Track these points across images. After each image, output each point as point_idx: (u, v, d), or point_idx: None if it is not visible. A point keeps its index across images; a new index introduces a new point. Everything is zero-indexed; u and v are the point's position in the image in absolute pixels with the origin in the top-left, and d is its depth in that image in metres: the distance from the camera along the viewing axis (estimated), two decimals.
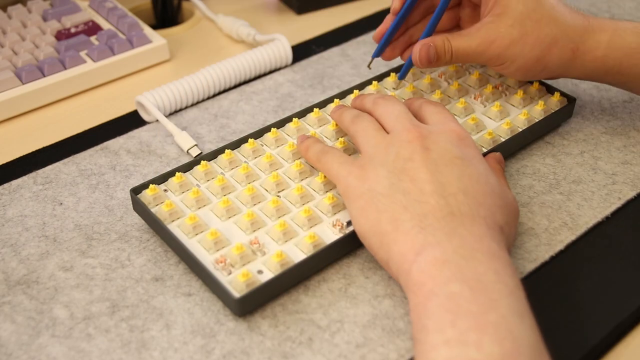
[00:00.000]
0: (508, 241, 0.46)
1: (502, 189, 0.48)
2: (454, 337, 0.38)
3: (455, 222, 0.43)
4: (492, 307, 0.39)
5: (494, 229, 0.44)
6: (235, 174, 0.54)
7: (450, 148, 0.47)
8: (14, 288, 0.48)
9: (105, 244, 0.51)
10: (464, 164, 0.46)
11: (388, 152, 0.47)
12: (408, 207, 0.44)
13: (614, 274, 0.49)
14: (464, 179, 0.45)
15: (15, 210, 0.55)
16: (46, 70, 0.66)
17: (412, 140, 0.47)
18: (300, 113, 0.60)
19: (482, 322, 0.38)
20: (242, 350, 0.44)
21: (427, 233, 0.43)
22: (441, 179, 0.45)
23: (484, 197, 0.45)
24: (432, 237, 0.43)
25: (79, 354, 0.44)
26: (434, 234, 0.43)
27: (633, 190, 0.55)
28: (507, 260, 0.43)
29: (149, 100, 0.63)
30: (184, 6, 0.82)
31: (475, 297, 0.39)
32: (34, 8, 0.74)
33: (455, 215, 0.44)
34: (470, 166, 0.46)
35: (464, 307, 0.39)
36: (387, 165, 0.47)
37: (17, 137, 0.63)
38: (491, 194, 0.46)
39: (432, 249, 0.42)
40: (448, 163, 0.46)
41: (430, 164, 0.46)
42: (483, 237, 0.43)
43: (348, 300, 0.47)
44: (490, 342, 0.37)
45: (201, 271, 0.47)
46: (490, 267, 0.41)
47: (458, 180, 0.45)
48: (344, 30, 0.77)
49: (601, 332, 0.45)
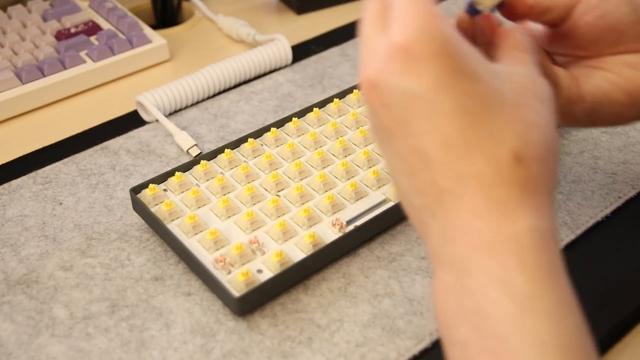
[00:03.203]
0: (543, 173, 0.33)
1: (512, 91, 0.34)
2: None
3: (430, 211, 0.34)
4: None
5: (497, 174, 0.32)
6: (235, 173, 0.54)
7: (404, 87, 0.33)
8: (14, 288, 0.48)
9: (105, 244, 0.51)
10: (428, 105, 0.33)
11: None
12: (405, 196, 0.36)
13: (614, 274, 0.49)
14: (434, 125, 0.33)
15: (15, 210, 0.55)
16: (46, 70, 0.66)
17: (368, 99, 0.35)
18: (300, 113, 0.60)
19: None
20: (242, 350, 0.44)
21: (418, 229, 0.36)
22: (416, 144, 0.34)
23: (469, 133, 0.33)
24: (422, 233, 0.36)
25: (78, 353, 0.44)
26: (419, 229, 0.36)
27: (633, 189, 0.55)
28: (534, 239, 0.32)
29: (149, 100, 0.63)
30: (184, 6, 0.82)
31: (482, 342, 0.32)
32: (34, 8, 0.74)
33: (423, 194, 0.34)
34: (435, 104, 0.33)
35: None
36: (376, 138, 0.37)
37: (17, 137, 0.63)
38: (482, 119, 0.33)
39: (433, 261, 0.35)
40: (409, 114, 0.34)
41: (396, 129, 0.34)
42: (478, 212, 0.33)
43: (348, 300, 0.47)
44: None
45: (201, 270, 0.47)
46: (492, 278, 0.32)
47: (431, 131, 0.33)
48: (344, 30, 0.77)
49: (601, 331, 0.45)
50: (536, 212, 0.32)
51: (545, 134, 0.34)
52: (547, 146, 0.34)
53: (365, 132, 0.57)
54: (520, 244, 0.32)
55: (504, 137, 0.32)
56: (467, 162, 0.33)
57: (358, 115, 0.59)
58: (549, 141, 0.34)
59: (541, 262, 0.32)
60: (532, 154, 0.33)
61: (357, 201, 0.52)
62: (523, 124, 0.33)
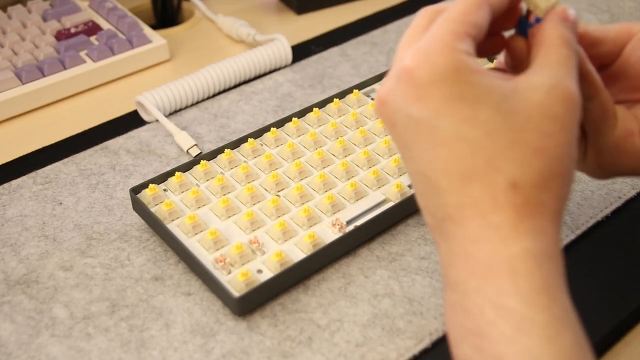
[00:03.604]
0: (542, 198, 0.33)
1: (520, 114, 0.33)
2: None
3: (439, 231, 0.35)
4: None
5: (493, 201, 0.33)
6: (235, 173, 0.54)
7: (408, 111, 0.34)
8: (14, 288, 0.48)
9: (104, 244, 0.51)
10: (429, 132, 0.34)
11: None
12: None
13: (614, 274, 0.49)
14: (435, 152, 0.34)
15: (15, 210, 0.55)
16: (46, 70, 0.66)
17: (379, 115, 0.36)
18: (300, 113, 0.60)
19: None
20: (242, 350, 0.44)
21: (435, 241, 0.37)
22: (420, 168, 0.35)
23: (467, 161, 0.33)
24: (437, 246, 0.36)
25: (78, 353, 0.44)
26: (435, 242, 0.36)
27: (633, 189, 0.55)
28: (528, 262, 0.32)
29: (149, 100, 0.63)
30: (184, 6, 0.82)
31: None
32: (34, 8, 0.74)
33: (434, 215, 0.35)
34: (434, 131, 0.33)
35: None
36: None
37: (17, 137, 0.63)
38: (480, 147, 0.33)
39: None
40: (413, 138, 0.34)
41: (403, 149, 0.36)
42: (475, 238, 0.33)
43: (347, 300, 0.47)
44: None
45: (201, 270, 0.47)
46: (488, 301, 0.33)
47: (432, 159, 0.34)
48: (344, 30, 0.77)
49: (601, 331, 0.45)
50: (531, 236, 0.33)
51: (549, 158, 0.33)
52: (550, 171, 0.33)
53: (365, 132, 0.57)
54: (514, 268, 0.32)
55: (502, 165, 0.33)
56: (466, 189, 0.33)
57: (358, 115, 0.59)
58: (554, 165, 0.33)
59: (535, 284, 0.32)
60: (529, 180, 0.33)
61: (357, 201, 0.52)
62: (523, 150, 0.33)
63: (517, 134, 0.33)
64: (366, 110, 0.60)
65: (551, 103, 0.33)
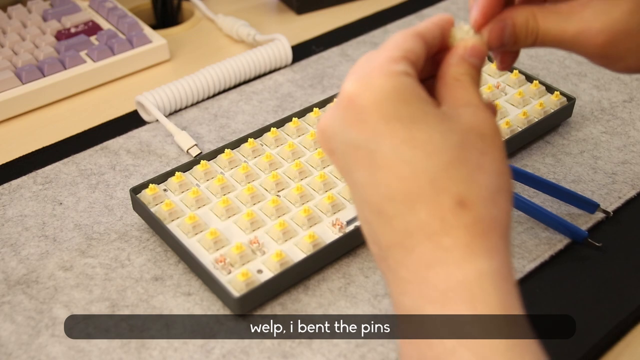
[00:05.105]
0: (492, 213, 0.32)
1: (457, 134, 0.33)
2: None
3: (385, 261, 0.34)
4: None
5: (442, 223, 0.32)
6: (235, 173, 0.54)
7: (346, 136, 0.34)
8: (14, 288, 0.48)
9: (105, 244, 0.51)
10: (368, 156, 0.33)
11: None
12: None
13: (614, 274, 0.49)
14: (376, 177, 0.33)
15: (15, 210, 0.55)
16: (46, 70, 0.66)
17: (319, 143, 0.36)
18: (300, 113, 0.60)
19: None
20: (242, 350, 0.44)
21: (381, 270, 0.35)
22: (363, 196, 0.34)
23: (410, 183, 0.32)
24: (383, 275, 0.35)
25: (78, 353, 0.44)
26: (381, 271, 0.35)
27: (633, 189, 0.55)
28: (483, 284, 0.32)
29: (149, 100, 0.63)
30: (184, 6, 0.82)
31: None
32: (34, 8, 0.74)
33: (379, 244, 0.34)
34: (373, 155, 0.33)
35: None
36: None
37: (17, 137, 0.63)
38: (421, 167, 0.32)
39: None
40: (352, 164, 0.34)
41: (345, 176, 0.35)
42: (428, 263, 0.32)
43: (348, 300, 0.47)
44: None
45: (201, 271, 0.47)
46: (446, 328, 0.31)
47: (374, 184, 0.33)
48: (344, 30, 0.77)
49: (601, 331, 0.45)
50: (486, 255, 0.32)
51: (491, 174, 0.33)
52: (496, 185, 0.33)
53: None
54: (471, 292, 0.31)
55: (446, 184, 0.32)
56: (412, 213, 0.32)
57: None
58: (496, 180, 0.33)
59: (493, 308, 0.31)
60: (477, 196, 0.32)
61: None
62: (466, 167, 0.32)
63: (457, 153, 0.32)
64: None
65: (479, 124, 0.33)
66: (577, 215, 0.53)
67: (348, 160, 0.34)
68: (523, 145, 0.59)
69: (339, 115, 0.34)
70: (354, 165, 0.33)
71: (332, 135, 0.34)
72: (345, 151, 0.33)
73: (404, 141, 0.32)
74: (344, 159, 0.34)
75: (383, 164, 0.32)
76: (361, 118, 0.33)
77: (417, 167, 0.32)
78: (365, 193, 0.33)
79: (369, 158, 0.33)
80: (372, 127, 0.32)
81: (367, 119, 0.33)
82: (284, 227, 0.49)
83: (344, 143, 0.33)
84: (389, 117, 0.32)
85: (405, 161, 0.32)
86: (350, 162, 0.33)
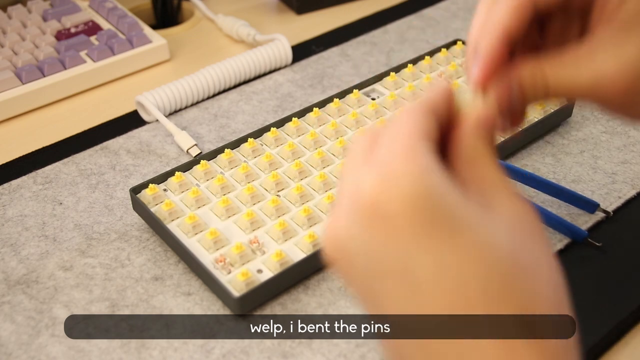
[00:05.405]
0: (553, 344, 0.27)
1: (506, 235, 0.28)
2: None
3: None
4: None
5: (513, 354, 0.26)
6: (235, 173, 0.54)
7: (370, 249, 0.28)
8: (14, 288, 0.48)
9: (105, 244, 0.51)
10: (402, 274, 0.27)
11: None
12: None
13: (614, 274, 0.49)
14: (418, 300, 0.27)
15: (15, 210, 0.55)
16: (46, 70, 0.66)
17: (331, 256, 0.30)
18: (300, 113, 0.60)
19: None
20: (242, 350, 0.44)
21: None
22: (390, 325, 0.28)
23: (460, 303, 0.26)
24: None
25: (78, 353, 0.44)
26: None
27: (633, 189, 0.55)
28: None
29: (149, 100, 0.63)
30: (184, 6, 0.82)
31: None
32: (34, 8, 0.74)
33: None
34: (410, 274, 0.27)
35: None
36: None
37: (17, 137, 0.63)
38: (476, 284, 0.26)
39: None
40: (383, 285, 0.28)
41: (367, 301, 0.29)
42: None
43: (348, 300, 0.47)
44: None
45: (201, 270, 0.47)
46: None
47: (398, 299, 0.27)
48: (344, 30, 0.77)
49: (601, 331, 0.45)
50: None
51: (551, 277, 0.27)
52: (560, 294, 0.28)
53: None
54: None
55: (511, 300, 0.26)
56: (469, 347, 0.26)
57: (358, 115, 0.59)
58: (559, 285, 0.28)
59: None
60: (541, 310, 0.27)
61: None
62: (527, 276, 0.26)
63: (513, 257, 0.27)
64: (366, 110, 0.60)
65: (530, 220, 0.29)
66: (577, 215, 0.52)
67: (374, 280, 0.27)
68: (523, 145, 0.59)
69: (358, 222, 0.27)
70: (383, 286, 0.27)
71: (348, 247, 0.28)
72: (372, 269, 0.27)
73: (445, 253, 0.26)
74: (367, 278, 0.28)
75: (424, 286, 0.26)
76: (391, 228, 0.27)
77: (467, 281, 0.26)
78: (399, 323, 0.27)
79: (404, 278, 0.27)
80: (407, 240, 0.27)
81: (399, 231, 0.27)
82: (284, 227, 0.49)
83: (369, 259, 0.27)
84: (425, 227, 0.27)
85: (450, 277, 0.26)
86: (377, 284, 0.27)
